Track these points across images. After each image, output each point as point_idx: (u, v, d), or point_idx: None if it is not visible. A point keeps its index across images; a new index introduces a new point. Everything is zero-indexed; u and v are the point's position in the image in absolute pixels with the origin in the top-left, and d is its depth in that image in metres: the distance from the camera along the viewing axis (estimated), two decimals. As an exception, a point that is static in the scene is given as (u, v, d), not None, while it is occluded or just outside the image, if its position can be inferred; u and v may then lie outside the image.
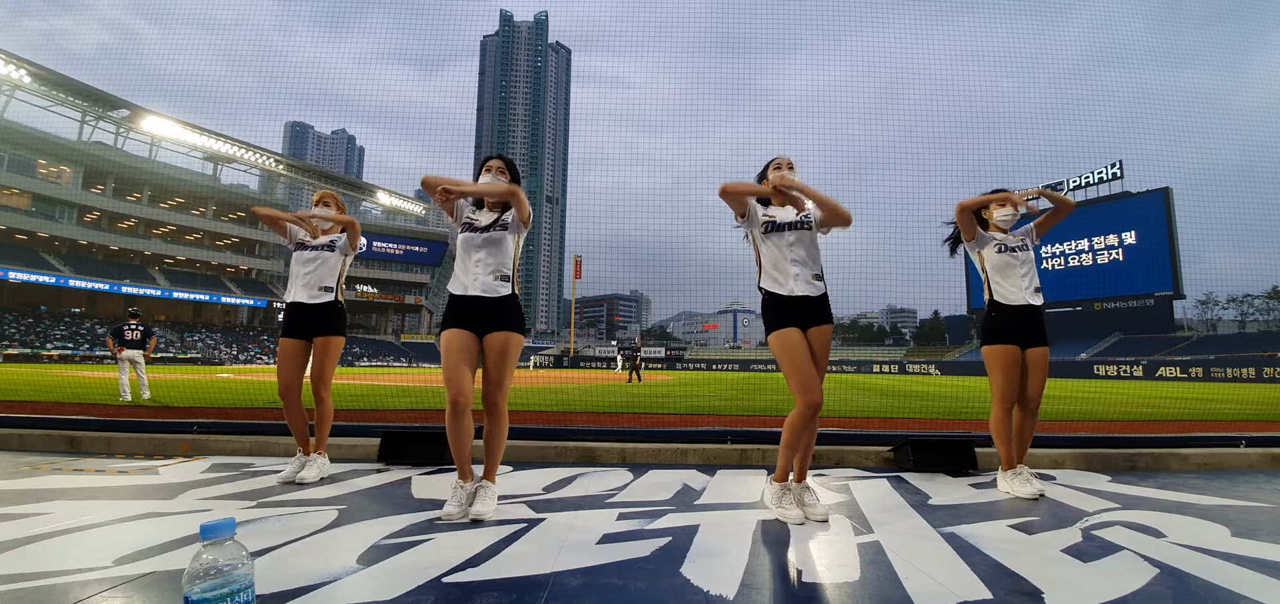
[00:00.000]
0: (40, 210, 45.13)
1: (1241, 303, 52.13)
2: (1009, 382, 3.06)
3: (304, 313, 3.31)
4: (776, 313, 2.65)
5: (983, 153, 11.23)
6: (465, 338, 2.58)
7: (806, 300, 2.64)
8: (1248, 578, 1.84)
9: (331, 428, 3.79)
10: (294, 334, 3.30)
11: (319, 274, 3.35)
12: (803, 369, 2.54)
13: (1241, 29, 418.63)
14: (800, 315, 2.63)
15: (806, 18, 10.30)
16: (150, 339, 9.25)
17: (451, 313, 2.63)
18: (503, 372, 2.60)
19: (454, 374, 2.51)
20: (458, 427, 2.53)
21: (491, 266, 2.64)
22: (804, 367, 2.54)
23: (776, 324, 2.63)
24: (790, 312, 2.63)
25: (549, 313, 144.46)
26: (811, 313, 2.65)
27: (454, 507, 2.46)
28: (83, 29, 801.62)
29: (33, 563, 1.86)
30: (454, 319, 2.61)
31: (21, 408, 5.80)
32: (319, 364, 3.32)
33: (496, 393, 2.60)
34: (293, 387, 3.26)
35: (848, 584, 1.80)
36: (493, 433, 2.62)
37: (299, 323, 3.30)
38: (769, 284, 2.70)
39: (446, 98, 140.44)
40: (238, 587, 1.18)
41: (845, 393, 11.95)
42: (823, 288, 2.69)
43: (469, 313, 2.61)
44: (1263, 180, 16.07)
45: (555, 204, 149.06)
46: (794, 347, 2.57)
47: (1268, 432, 4.54)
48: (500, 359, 2.60)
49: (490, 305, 2.62)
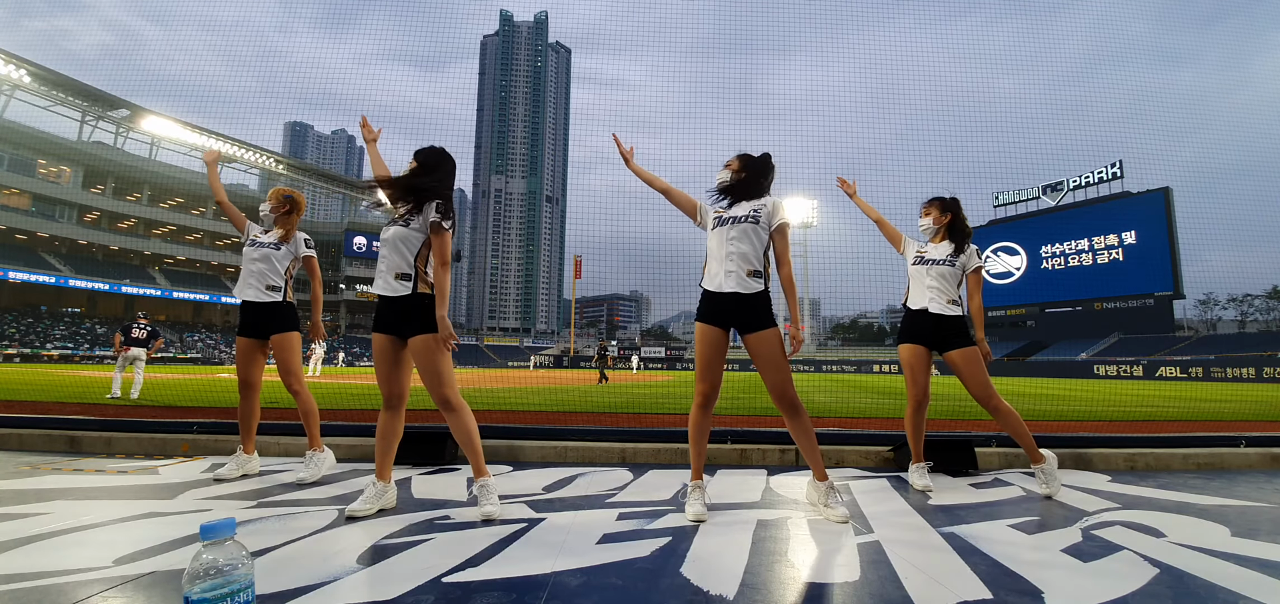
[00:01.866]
0: (40, 210, 45.12)
1: (1241, 303, 52.15)
2: (911, 379, 3.24)
3: (254, 311, 3.34)
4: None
5: (982, 153, 11.24)
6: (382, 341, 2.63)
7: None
8: (1248, 578, 1.84)
9: (331, 428, 3.78)
10: (247, 332, 3.34)
11: (265, 271, 3.36)
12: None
13: (1241, 29, 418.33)
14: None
15: (805, 19, 10.30)
16: (155, 340, 9.47)
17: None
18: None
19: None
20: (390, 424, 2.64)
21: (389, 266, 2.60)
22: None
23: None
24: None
25: (549, 313, 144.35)
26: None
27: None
28: (84, 29, 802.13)
29: (33, 563, 1.86)
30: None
31: (21, 408, 5.80)
32: (282, 361, 3.34)
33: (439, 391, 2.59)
34: (250, 383, 3.31)
35: (848, 584, 1.80)
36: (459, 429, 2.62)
37: (250, 321, 3.34)
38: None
39: (446, 98, 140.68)
40: (238, 587, 1.17)
41: (845, 393, 11.95)
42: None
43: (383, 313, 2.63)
44: (1262, 179, 15.98)
45: (555, 204, 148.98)
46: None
47: (1268, 432, 4.54)
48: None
49: (396, 306, 2.59)
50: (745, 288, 2.58)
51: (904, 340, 3.29)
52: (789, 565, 1.96)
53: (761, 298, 2.61)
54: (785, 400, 2.57)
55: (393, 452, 2.67)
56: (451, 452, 3.73)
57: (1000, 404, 3.05)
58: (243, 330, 3.33)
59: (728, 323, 2.64)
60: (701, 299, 2.73)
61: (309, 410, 3.32)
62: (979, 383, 3.07)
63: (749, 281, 2.59)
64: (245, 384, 3.31)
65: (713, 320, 2.64)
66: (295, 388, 3.32)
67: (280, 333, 3.33)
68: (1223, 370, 30.13)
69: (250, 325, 3.32)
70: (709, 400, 2.65)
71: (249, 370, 3.31)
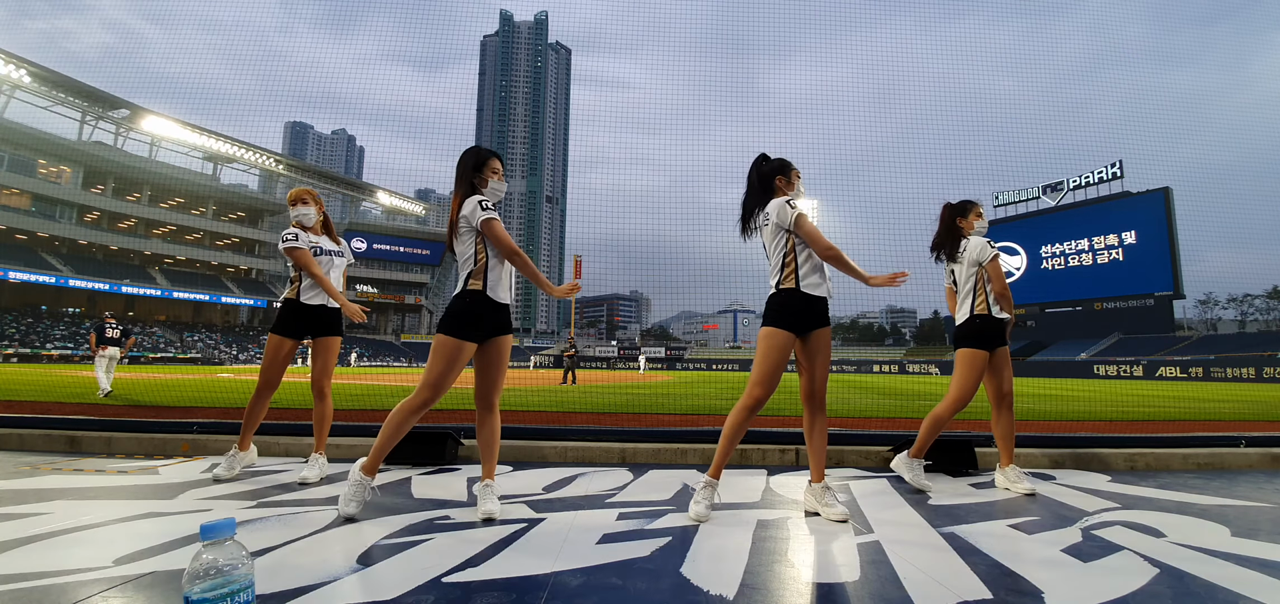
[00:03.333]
0: (40, 210, 45.12)
1: (1241, 303, 52.16)
2: (984, 381, 3.29)
3: (314, 314, 3.38)
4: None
5: (983, 153, 11.24)
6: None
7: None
8: (1248, 578, 1.84)
9: (332, 428, 3.79)
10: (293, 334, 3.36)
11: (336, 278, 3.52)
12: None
13: (1241, 30, 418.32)
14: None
15: (805, 19, 10.30)
16: (128, 338, 9.93)
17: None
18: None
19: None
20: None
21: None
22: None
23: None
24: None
25: (549, 313, 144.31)
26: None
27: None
28: (85, 30, 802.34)
29: (33, 563, 1.86)
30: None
31: (21, 408, 5.80)
32: (325, 362, 3.39)
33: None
34: (275, 384, 3.35)
35: (848, 584, 1.80)
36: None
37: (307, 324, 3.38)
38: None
39: (446, 98, 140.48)
40: (238, 587, 1.17)
41: (845, 393, 11.95)
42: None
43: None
44: (1262, 179, 15.96)
45: (555, 204, 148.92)
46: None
47: (1268, 432, 4.54)
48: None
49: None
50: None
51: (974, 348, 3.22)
52: (789, 565, 1.96)
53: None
54: (817, 399, 2.66)
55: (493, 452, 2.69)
56: (452, 452, 3.73)
57: (1011, 402, 3.22)
58: (293, 333, 3.33)
59: (800, 326, 2.62)
60: (775, 303, 2.66)
61: (329, 415, 3.35)
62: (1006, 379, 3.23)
63: (819, 284, 2.66)
64: (274, 385, 3.33)
65: (786, 325, 2.63)
66: (327, 389, 3.34)
67: (329, 335, 3.39)
68: (1223, 370, 30.15)
69: (296, 327, 3.33)
70: (760, 405, 2.61)
71: (282, 371, 3.35)
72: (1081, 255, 50.99)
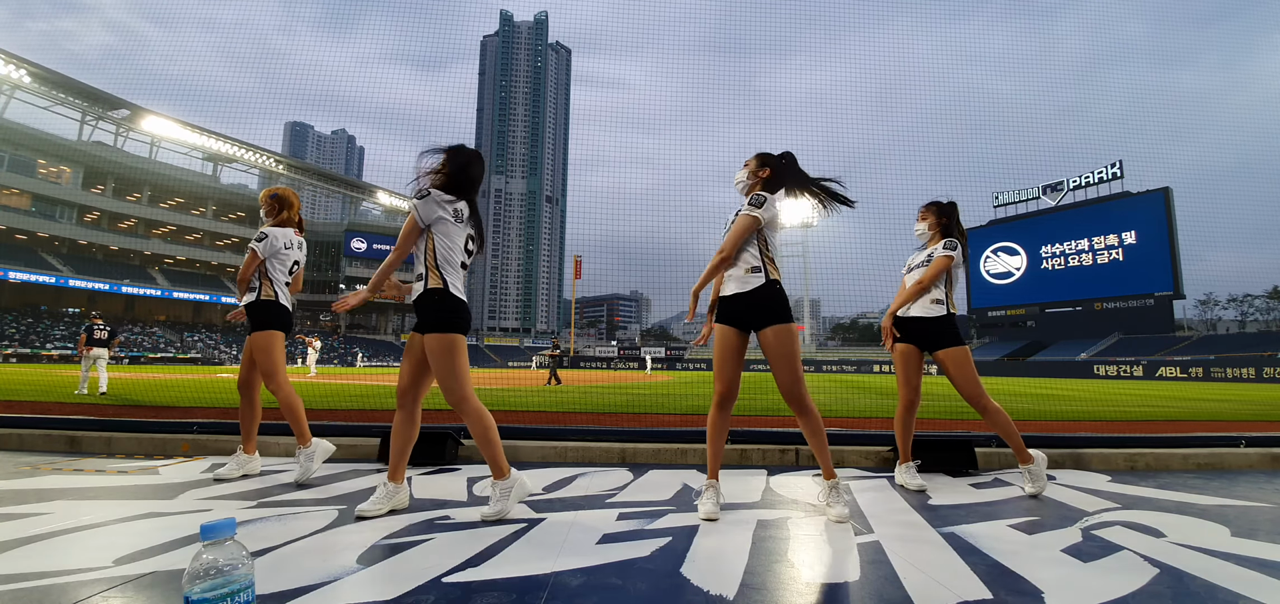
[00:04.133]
0: (40, 210, 45.11)
1: (1241, 303, 52.18)
2: (903, 380, 3.32)
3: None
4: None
5: (983, 153, 11.25)
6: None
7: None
8: (1248, 578, 1.84)
9: (331, 428, 3.78)
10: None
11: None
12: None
13: (1240, 30, 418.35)
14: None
15: (805, 20, 10.30)
16: (115, 339, 10.10)
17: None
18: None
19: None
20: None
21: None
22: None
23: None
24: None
25: (549, 313, 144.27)
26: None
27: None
28: (86, 30, 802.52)
29: (33, 563, 1.86)
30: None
31: (21, 408, 5.80)
32: (261, 360, 3.35)
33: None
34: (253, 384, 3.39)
35: (848, 584, 1.80)
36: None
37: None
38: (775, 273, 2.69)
39: (446, 98, 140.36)
40: (238, 587, 1.17)
41: (845, 393, 11.94)
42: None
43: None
44: (1262, 179, 15.94)
45: (555, 204, 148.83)
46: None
47: (1268, 432, 4.54)
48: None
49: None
50: (744, 285, 2.63)
51: (897, 342, 3.33)
52: (789, 565, 1.96)
53: (763, 292, 2.62)
54: (791, 399, 2.59)
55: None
56: (452, 452, 3.73)
57: (989, 403, 3.05)
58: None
59: (739, 322, 2.65)
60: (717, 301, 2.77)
61: (290, 405, 3.26)
62: (968, 382, 3.06)
63: (748, 278, 2.64)
64: (250, 385, 3.36)
65: (725, 320, 2.69)
66: (272, 387, 3.30)
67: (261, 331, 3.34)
68: (1223, 370, 30.15)
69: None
70: (726, 401, 2.66)
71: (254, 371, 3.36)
72: (1081, 255, 51.00)
